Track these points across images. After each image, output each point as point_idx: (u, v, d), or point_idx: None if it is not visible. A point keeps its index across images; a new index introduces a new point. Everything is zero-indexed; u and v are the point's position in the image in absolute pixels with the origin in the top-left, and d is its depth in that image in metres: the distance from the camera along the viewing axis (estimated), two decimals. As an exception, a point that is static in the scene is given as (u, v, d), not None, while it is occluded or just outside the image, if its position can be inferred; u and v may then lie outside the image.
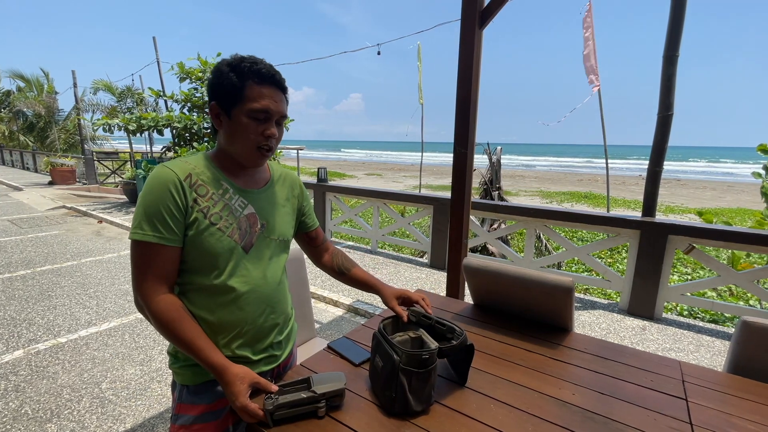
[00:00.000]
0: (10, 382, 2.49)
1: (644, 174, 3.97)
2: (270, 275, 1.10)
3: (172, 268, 0.98)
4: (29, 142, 19.23)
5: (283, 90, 1.02)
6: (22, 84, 18.90)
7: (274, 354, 1.14)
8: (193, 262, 1.00)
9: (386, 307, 1.35)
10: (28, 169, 17.55)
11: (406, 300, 1.28)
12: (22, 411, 2.23)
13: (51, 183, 12.79)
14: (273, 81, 0.99)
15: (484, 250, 5.73)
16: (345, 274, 1.36)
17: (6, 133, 20.35)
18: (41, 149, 17.88)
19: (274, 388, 0.98)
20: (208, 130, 8.81)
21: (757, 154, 4.52)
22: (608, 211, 7.19)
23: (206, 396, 1.04)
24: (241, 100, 0.96)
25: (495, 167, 6.43)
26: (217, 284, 1.00)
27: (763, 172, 4.41)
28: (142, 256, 0.95)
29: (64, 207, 8.76)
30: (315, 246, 1.35)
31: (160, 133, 8.81)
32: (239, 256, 1.03)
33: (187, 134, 8.66)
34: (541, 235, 5.74)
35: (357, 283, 1.36)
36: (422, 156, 10.00)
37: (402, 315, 1.20)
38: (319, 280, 4.21)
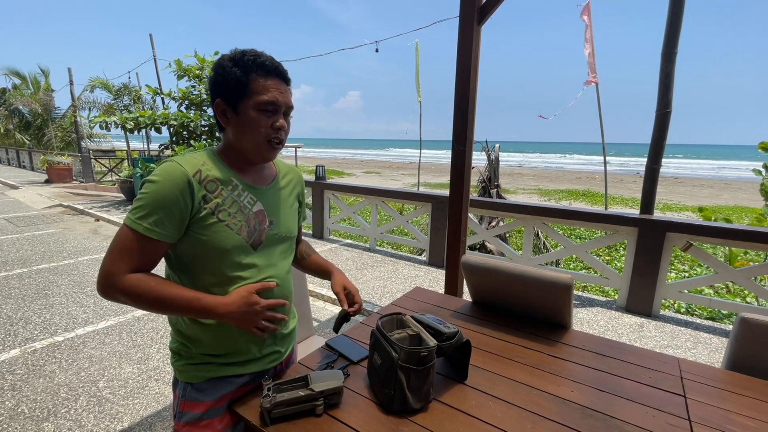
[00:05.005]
0: (7, 381, 2.48)
1: (642, 172, 3.97)
2: (278, 272, 1.11)
3: (153, 261, 0.95)
4: (25, 140, 19.12)
5: (287, 81, 1.02)
6: (18, 81, 18.77)
7: (278, 350, 1.15)
8: (199, 258, 0.98)
9: (386, 305, 1.34)
10: (24, 167, 17.46)
11: (349, 296, 1.25)
12: (19, 410, 2.21)
13: (47, 181, 12.72)
14: (277, 73, 0.98)
15: (482, 247, 5.73)
16: (305, 258, 1.35)
17: (2, 131, 20.23)
18: (38, 147, 17.78)
19: (272, 284, 1.04)
20: (206, 128, 8.77)
21: (756, 153, 4.52)
22: (606, 208, 7.20)
23: (211, 392, 1.03)
24: (247, 94, 0.95)
25: (493, 165, 6.43)
26: (225, 281, 1.00)
27: (763, 170, 4.42)
28: (130, 243, 0.91)
29: (60, 205, 8.71)
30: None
31: (158, 130, 8.76)
32: (247, 253, 1.02)
33: (184, 132, 8.62)
34: (540, 233, 5.74)
35: (312, 266, 1.35)
36: (420, 154, 10.00)
37: (343, 302, 1.21)
38: (317, 278, 4.20)
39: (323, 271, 1.33)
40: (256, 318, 0.99)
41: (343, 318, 1.22)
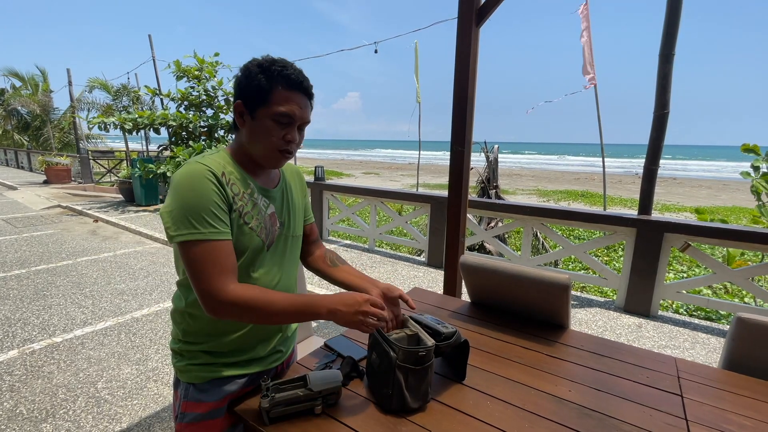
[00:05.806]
0: (5, 382, 2.47)
1: (640, 173, 3.98)
2: (285, 272, 1.12)
3: (234, 261, 0.95)
4: (24, 141, 19.09)
5: (310, 96, 1.02)
6: (17, 83, 18.74)
7: (280, 350, 1.16)
8: None
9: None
10: (22, 168, 17.43)
11: (388, 294, 1.16)
12: (17, 411, 2.21)
13: (46, 182, 12.70)
14: (301, 87, 0.98)
15: (481, 248, 5.74)
16: (336, 265, 1.28)
17: (0, 132, 20.19)
18: (36, 148, 17.76)
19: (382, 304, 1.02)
20: (205, 129, 8.78)
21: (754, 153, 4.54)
22: (605, 209, 7.22)
23: (213, 393, 1.04)
24: (266, 103, 0.96)
25: (492, 165, 6.44)
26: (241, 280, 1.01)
27: (752, 171, 4.46)
28: (203, 255, 0.90)
29: (59, 206, 8.70)
30: (309, 242, 1.31)
31: (157, 131, 8.76)
32: (263, 255, 1.04)
33: (183, 132, 8.62)
34: (538, 234, 5.75)
35: (346, 276, 1.25)
36: (419, 155, 10.00)
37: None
38: (316, 278, 4.21)
39: (357, 287, 1.19)
40: (366, 314, 0.97)
41: (352, 366, 1.17)
